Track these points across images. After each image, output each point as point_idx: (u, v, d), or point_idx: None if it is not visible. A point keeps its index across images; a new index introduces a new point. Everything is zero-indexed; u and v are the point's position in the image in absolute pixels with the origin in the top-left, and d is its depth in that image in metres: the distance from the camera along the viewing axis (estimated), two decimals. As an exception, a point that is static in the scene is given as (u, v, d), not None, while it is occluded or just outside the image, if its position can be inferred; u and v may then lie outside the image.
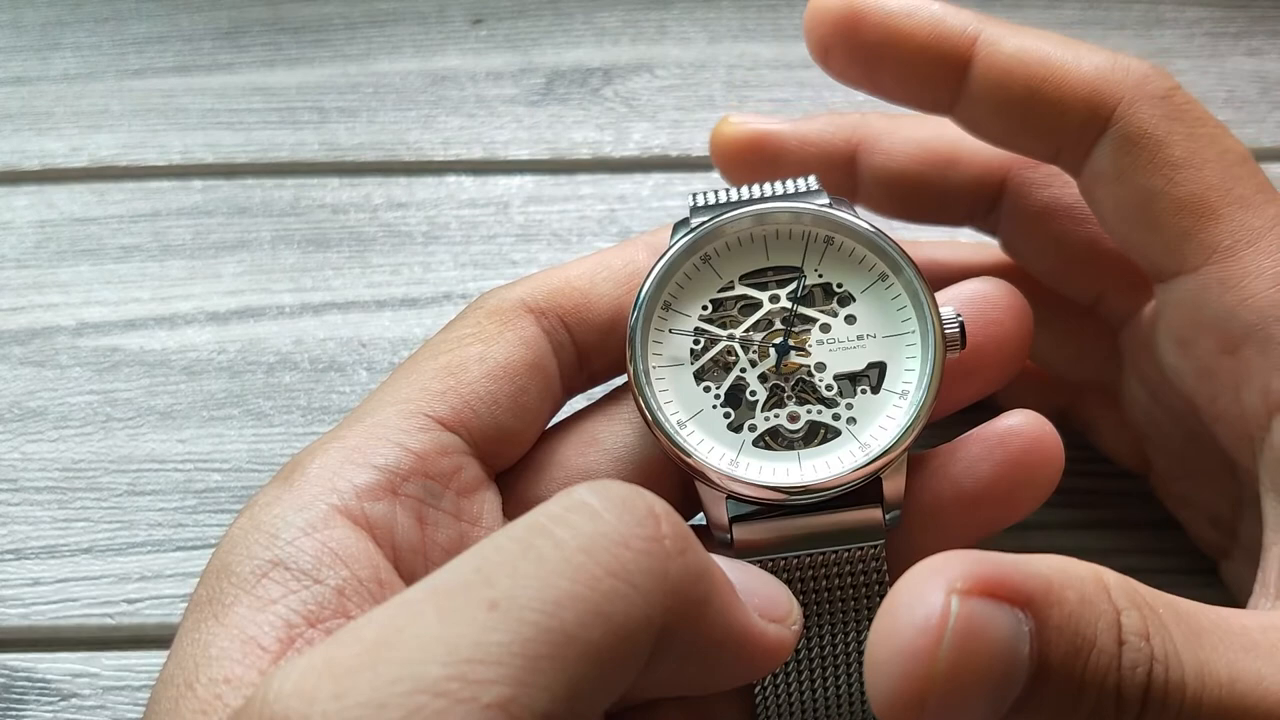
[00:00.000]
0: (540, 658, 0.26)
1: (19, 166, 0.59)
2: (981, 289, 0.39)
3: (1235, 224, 0.36)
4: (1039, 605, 0.28)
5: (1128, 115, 0.37)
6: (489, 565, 0.27)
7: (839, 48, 0.40)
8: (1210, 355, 0.37)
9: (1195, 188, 0.37)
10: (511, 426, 0.37)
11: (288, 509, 0.33)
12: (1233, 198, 0.36)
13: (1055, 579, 0.29)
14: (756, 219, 0.38)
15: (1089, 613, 0.29)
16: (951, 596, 0.27)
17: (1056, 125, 0.38)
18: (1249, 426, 0.37)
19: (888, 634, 0.28)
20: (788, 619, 0.33)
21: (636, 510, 0.29)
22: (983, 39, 0.38)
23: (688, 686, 0.32)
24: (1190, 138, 0.37)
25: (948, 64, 0.39)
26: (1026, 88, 0.38)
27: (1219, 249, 0.36)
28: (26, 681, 0.45)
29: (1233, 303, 0.36)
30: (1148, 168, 0.37)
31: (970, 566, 0.28)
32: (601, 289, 0.38)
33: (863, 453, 0.35)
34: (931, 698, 0.27)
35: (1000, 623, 0.27)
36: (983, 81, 0.38)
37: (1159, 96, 0.37)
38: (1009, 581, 0.28)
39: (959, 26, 0.38)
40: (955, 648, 0.27)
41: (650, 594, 0.28)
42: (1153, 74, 0.38)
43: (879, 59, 0.39)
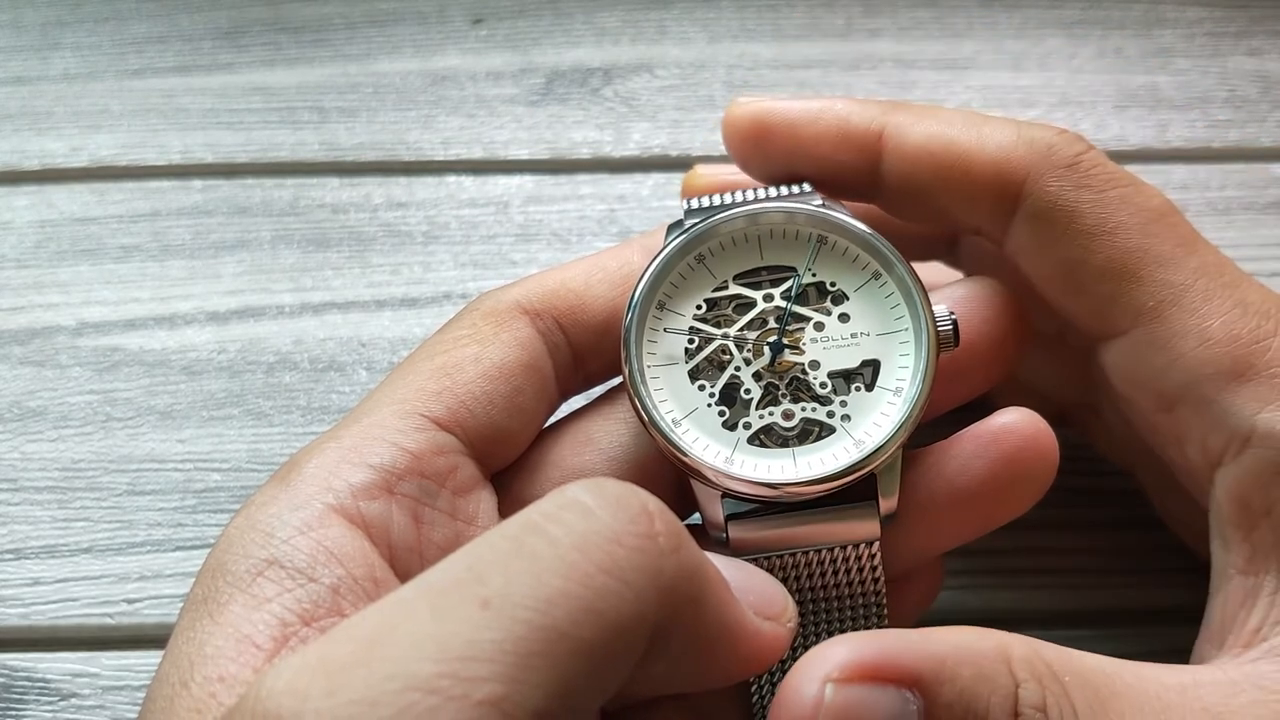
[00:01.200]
0: (533, 655, 0.26)
1: (19, 166, 0.59)
2: (975, 288, 0.39)
3: (1156, 284, 0.36)
4: (929, 684, 0.29)
5: (1035, 191, 0.37)
6: (482, 563, 0.27)
7: (754, 157, 0.41)
8: (1150, 413, 0.38)
9: (1112, 253, 0.37)
10: (507, 426, 0.37)
11: (284, 508, 0.33)
12: (1150, 257, 0.36)
13: (950, 655, 0.29)
14: (750, 219, 0.38)
15: (984, 688, 0.29)
16: (826, 685, 0.28)
17: (969, 207, 0.38)
18: (1195, 477, 0.37)
19: None
20: (783, 616, 0.33)
21: (630, 507, 0.29)
22: (888, 132, 0.39)
23: (683, 684, 0.32)
24: (1100, 203, 0.37)
25: (859, 161, 0.39)
26: (935, 175, 0.38)
27: (1144, 311, 0.36)
28: (26, 681, 0.45)
29: (1163, 364, 0.36)
30: (1062, 239, 0.37)
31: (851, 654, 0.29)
32: (597, 290, 0.38)
33: (857, 449, 0.35)
34: None
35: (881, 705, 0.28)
36: (894, 174, 0.39)
37: (1064, 166, 0.37)
38: (895, 663, 0.29)
39: (864, 124, 0.39)
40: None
41: (643, 591, 0.28)
42: (1057, 142, 0.38)
43: (793, 164, 0.40)
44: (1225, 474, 0.36)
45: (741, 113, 0.40)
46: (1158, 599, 0.46)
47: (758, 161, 0.41)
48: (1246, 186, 0.57)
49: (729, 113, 0.40)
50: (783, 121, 0.40)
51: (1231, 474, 0.36)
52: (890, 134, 0.39)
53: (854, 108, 0.39)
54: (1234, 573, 0.36)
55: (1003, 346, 0.38)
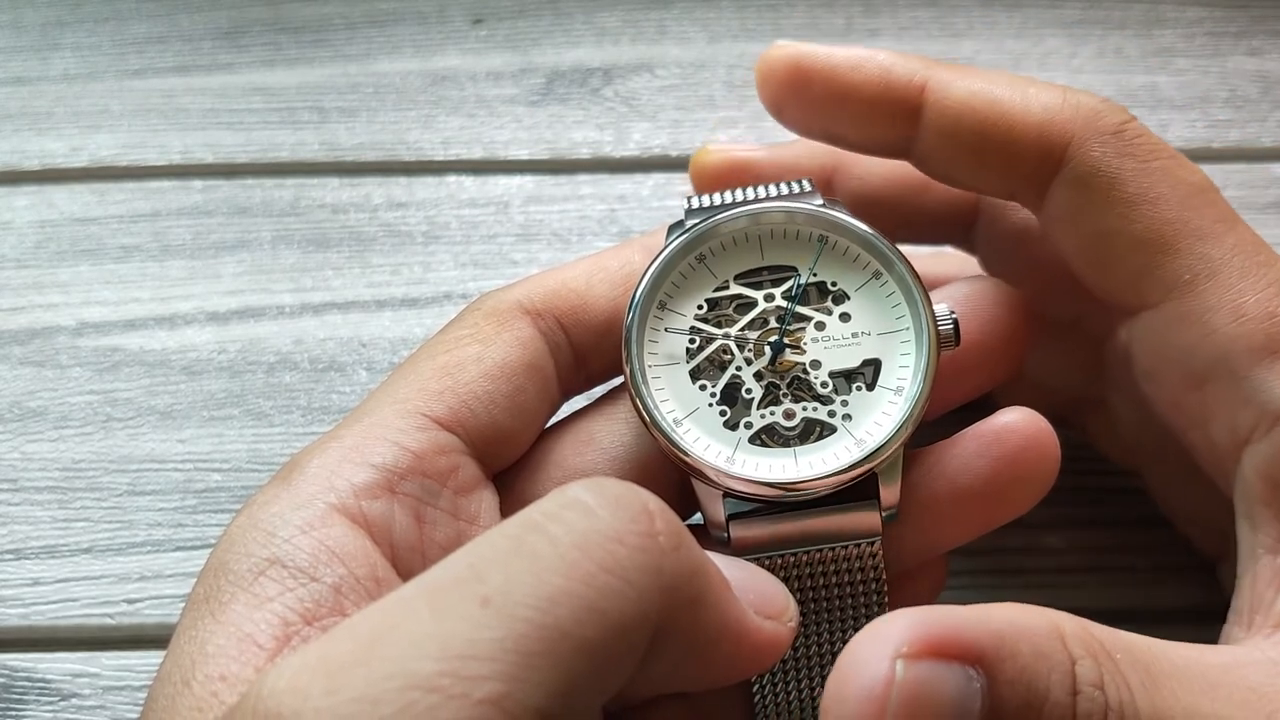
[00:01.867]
0: (534, 654, 0.26)
1: (19, 166, 0.59)
2: (977, 286, 0.39)
3: (1193, 257, 0.36)
4: (990, 661, 0.28)
5: (1079, 155, 0.37)
6: (482, 561, 0.27)
7: (790, 105, 0.40)
8: (1177, 390, 0.37)
9: (1151, 223, 0.36)
10: (509, 426, 0.37)
11: (285, 507, 0.33)
12: (1189, 230, 0.36)
13: (1008, 632, 0.29)
14: (751, 219, 0.38)
15: (1042, 665, 0.29)
16: (896, 661, 0.28)
17: (1009, 168, 0.38)
18: (1220, 458, 0.37)
19: (837, 700, 0.28)
20: (784, 615, 0.33)
21: (631, 506, 0.29)
22: (931, 86, 0.38)
23: (685, 683, 0.32)
24: (1143, 173, 0.37)
25: (898, 113, 0.38)
26: (977, 133, 0.38)
27: (1179, 284, 0.36)
28: (26, 681, 0.45)
29: (1194, 338, 0.36)
30: (1102, 206, 0.37)
31: (918, 628, 0.28)
32: (598, 290, 0.38)
33: (858, 449, 0.35)
34: None
35: (949, 683, 0.28)
36: (934, 128, 0.38)
37: (1110, 133, 0.37)
38: (959, 639, 0.28)
39: (906, 75, 0.38)
40: (901, 713, 0.27)
41: (645, 590, 0.28)
42: (1103, 109, 0.37)
43: (831, 113, 0.39)
44: (1255, 452, 0.35)
45: (780, 55, 0.39)
46: (1160, 599, 0.46)
47: (793, 109, 0.40)
48: (1246, 186, 0.57)
49: (766, 57, 0.40)
50: (823, 67, 0.39)
51: (1261, 452, 0.35)
52: (933, 88, 0.38)
53: (897, 59, 0.39)
54: (1263, 553, 0.35)
55: (1004, 345, 0.38)
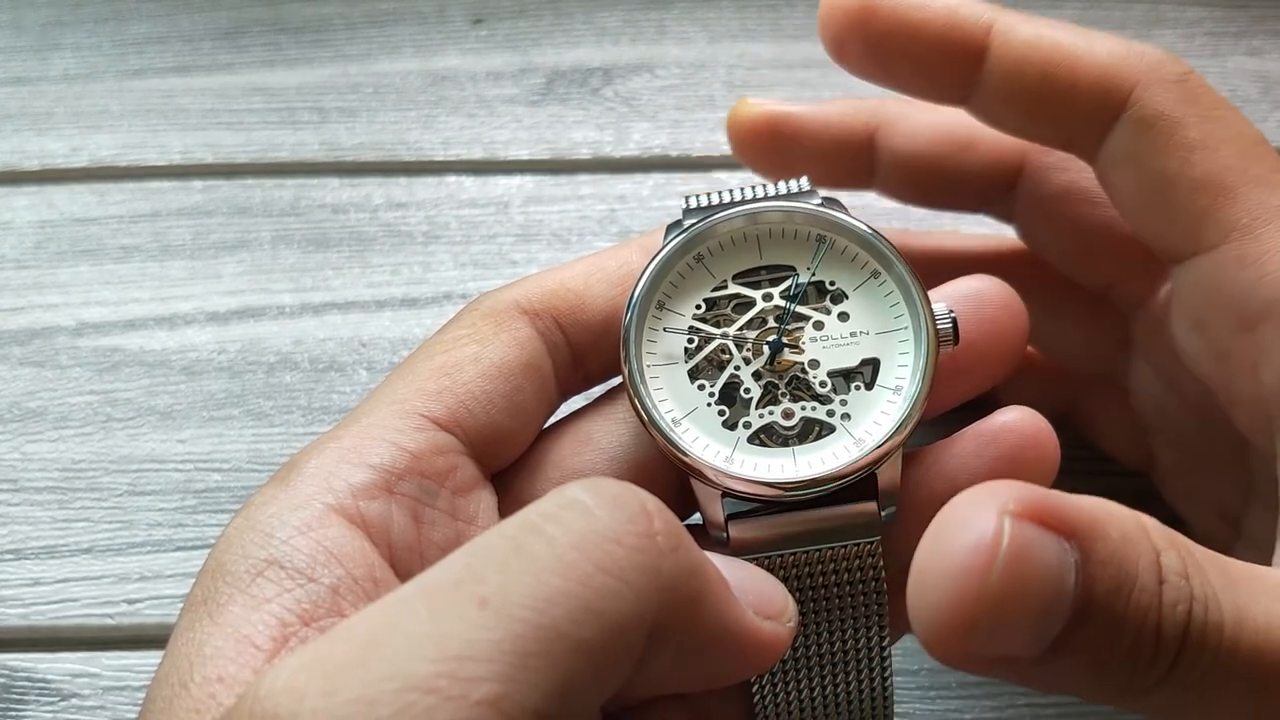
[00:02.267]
0: (531, 655, 0.26)
1: (19, 166, 0.59)
2: (976, 286, 0.39)
3: (1253, 202, 0.36)
4: (1085, 538, 0.28)
5: (1143, 99, 0.37)
6: (480, 562, 0.27)
7: (853, 42, 0.40)
8: (1227, 335, 0.37)
9: (1212, 168, 0.36)
10: (507, 426, 0.37)
11: (283, 508, 0.33)
12: (1249, 177, 0.36)
13: (1100, 515, 0.28)
14: (749, 218, 0.38)
15: (1131, 550, 0.28)
16: (1004, 519, 0.27)
17: (1072, 110, 0.38)
18: (1267, 405, 0.36)
19: (937, 555, 0.27)
20: (783, 615, 0.33)
21: (628, 507, 0.29)
22: (997, 28, 0.38)
23: (684, 684, 0.32)
24: (1205, 120, 0.37)
25: (962, 54, 0.39)
26: (1042, 74, 0.38)
27: (1237, 227, 0.36)
28: (26, 681, 0.45)
29: (1251, 280, 0.36)
30: (1164, 150, 0.37)
31: (1022, 492, 0.28)
32: (596, 290, 0.38)
33: (857, 448, 0.35)
34: (982, 620, 0.27)
35: (1050, 550, 0.27)
36: (998, 70, 0.38)
37: (1173, 80, 0.37)
38: (1058, 512, 0.28)
39: (973, 16, 0.39)
40: (1008, 568, 0.27)
41: (642, 590, 0.28)
42: (1167, 59, 0.38)
43: (893, 52, 0.39)
44: None
45: None
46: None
47: (855, 47, 0.40)
48: (1247, 185, 0.57)
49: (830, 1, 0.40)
50: (891, 4, 0.39)
51: None
52: (999, 29, 0.38)
53: (964, 0, 0.39)
54: None
55: (1003, 345, 0.38)
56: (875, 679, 0.37)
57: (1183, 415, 0.43)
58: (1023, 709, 0.44)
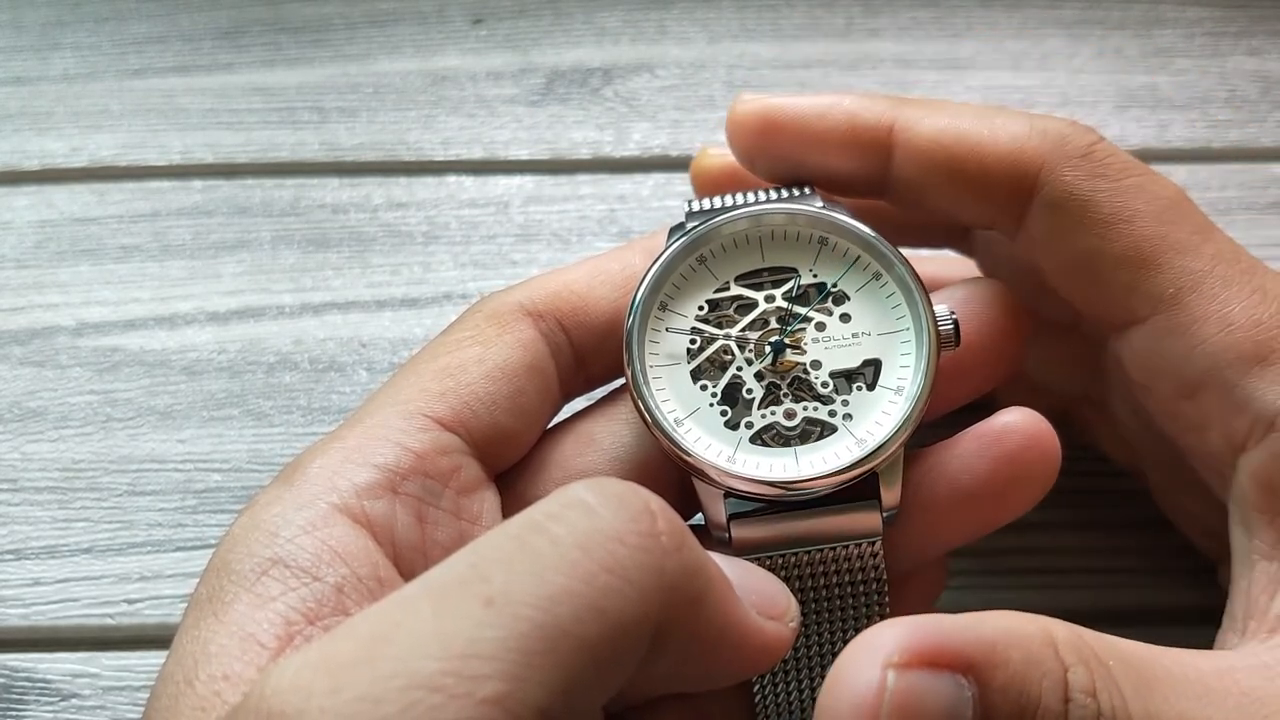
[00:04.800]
0: (535, 653, 0.26)
1: (19, 166, 0.59)
2: (977, 288, 0.39)
3: (1176, 271, 0.36)
4: (981, 669, 0.28)
5: (1051, 180, 0.37)
6: (485, 561, 0.27)
7: (761, 156, 0.40)
8: (1171, 400, 0.37)
9: (1130, 241, 0.36)
10: (510, 427, 0.37)
11: (288, 508, 0.33)
12: (1168, 244, 0.36)
13: (999, 640, 0.29)
14: (752, 221, 0.38)
15: (1034, 672, 0.29)
16: (887, 671, 0.28)
17: (984, 199, 0.38)
18: (1217, 463, 0.37)
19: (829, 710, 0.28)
20: (785, 616, 0.33)
21: (632, 506, 0.29)
22: (898, 126, 0.39)
23: (686, 683, 0.32)
24: (1116, 192, 0.37)
25: (868, 155, 0.39)
26: (948, 169, 0.38)
27: (1164, 298, 0.36)
28: (26, 681, 0.45)
29: (1184, 350, 0.36)
30: (1079, 228, 0.37)
31: (908, 638, 0.28)
32: (599, 292, 0.38)
33: (859, 448, 0.36)
34: None
35: (940, 692, 0.28)
36: (905, 168, 0.39)
37: (1079, 155, 0.37)
38: (949, 648, 0.28)
39: (873, 119, 0.39)
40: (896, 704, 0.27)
41: (646, 590, 0.28)
42: (1070, 133, 0.38)
43: (802, 160, 0.40)
44: (1249, 459, 0.35)
45: (747, 110, 0.40)
46: (1160, 599, 0.46)
47: (764, 160, 0.40)
48: (1246, 186, 0.57)
49: (734, 110, 0.40)
50: (790, 117, 0.39)
51: (1256, 459, 0.35)
52: (901, 128, 0.38)
53: (863, 102, 0.39)
54: (1258, 558, 0.35)
55: (1004, 346, 0.38)
56: (876, 679, 0.37)
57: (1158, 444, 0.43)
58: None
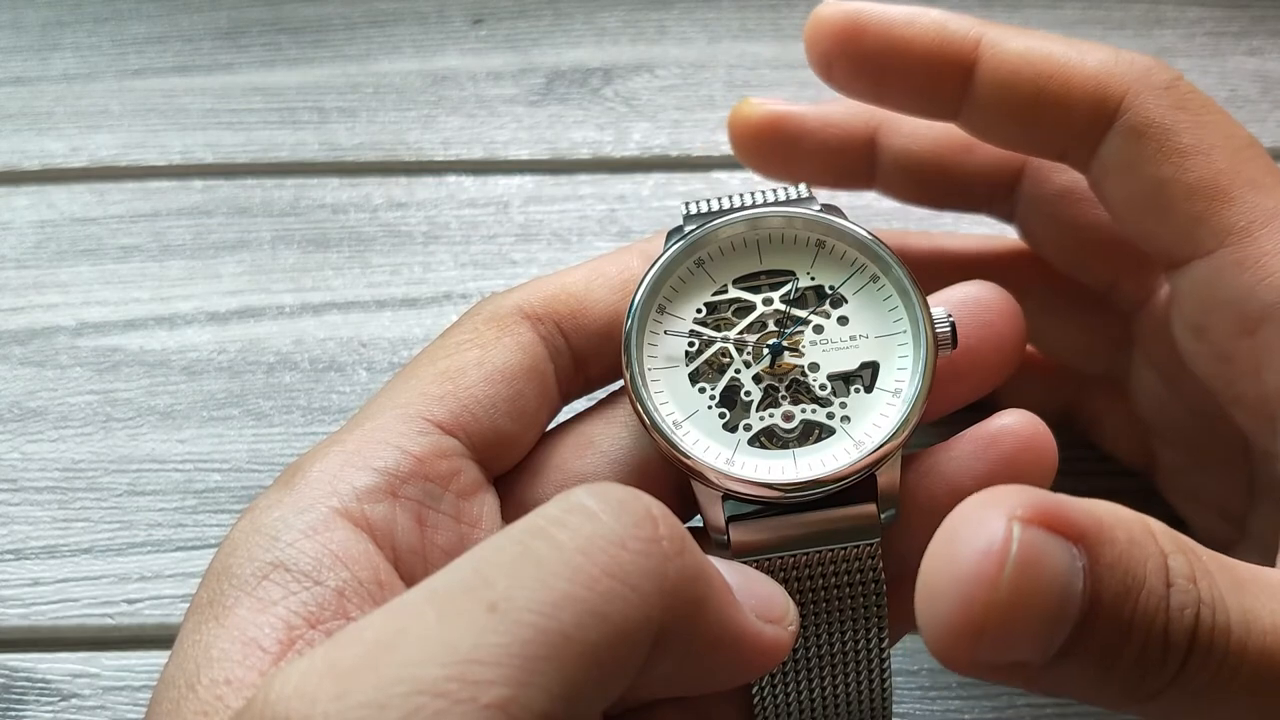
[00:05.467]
0: (539, 659, 0.26)
1: (19, 166, 0.59)
2: (974, 291, 0.39)
3: (1248, 205, 0.36)
4: (1092, 542, 0.28)
5: (1134, 106, 0.37)
6: (488, 567, 0.27)
7: (841, 60, 0.40)
8: (1228, 338, 0.37)
9: (1205, 173, 0.37)
10: (509, 430, 0.37)
11: (288, 512, 0.33)
12: (1243, 180, 0.36)
13: (1107, 518, 0.28)
14: (749, 224, 0.38)
15: (1138, 553, 0.28)
16: (1013, 524, 0.27)
17: (1064, 121, 0.38)
18: (1270, 406, 0.37)
19: (946, 561, 0.27)
20: (784, 619, 0.33)
21: (634, 512, 0.29)
22: (985, 42, 0.38)
23: (685, 687, 0.32)
24: (1197, 125, 0.37)
25: (952, 69, 0.39)
26: (1033, 86, 0.38)
27: (1233, 231, 0.36)
28: (26, 681, 0.45)
29: (1250, 283, 0.36)
30: (1157, 156, 0.37)
31: (1029, 497, 0.28)
32: (597, 295, 0.38)
33: (857, 449, 0.36)
34: (991, 625, 0.27)
35: (1058, 555, 0.27)
36: (988, 84, 0.38)
37: (1163, 87, 0.37)
38: (1065, 516, 0.28)
39: (961, 31, 0.39)
40: (1017, 574, 0.27)
41: (648, 595, 0.28)
42: (1155, 66, 0.38)
43: (882, 69, 0.39)
44: None
45: (832, 11, 0.39)
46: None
47: (843, 66, 0.40)
48: (1245, 187, 0.57)
49: (819, 13, 0.39)
50: (877, 22, 0.39)
51: None
52: (988, 42, 0.38)
53: (950, 15, 0.39)
54: None
55: (1002, 349, 0.38)
56: (875, 680, 0.37)
57: (1184, 415, 0.43)
58: (1023, 709, 0.44)
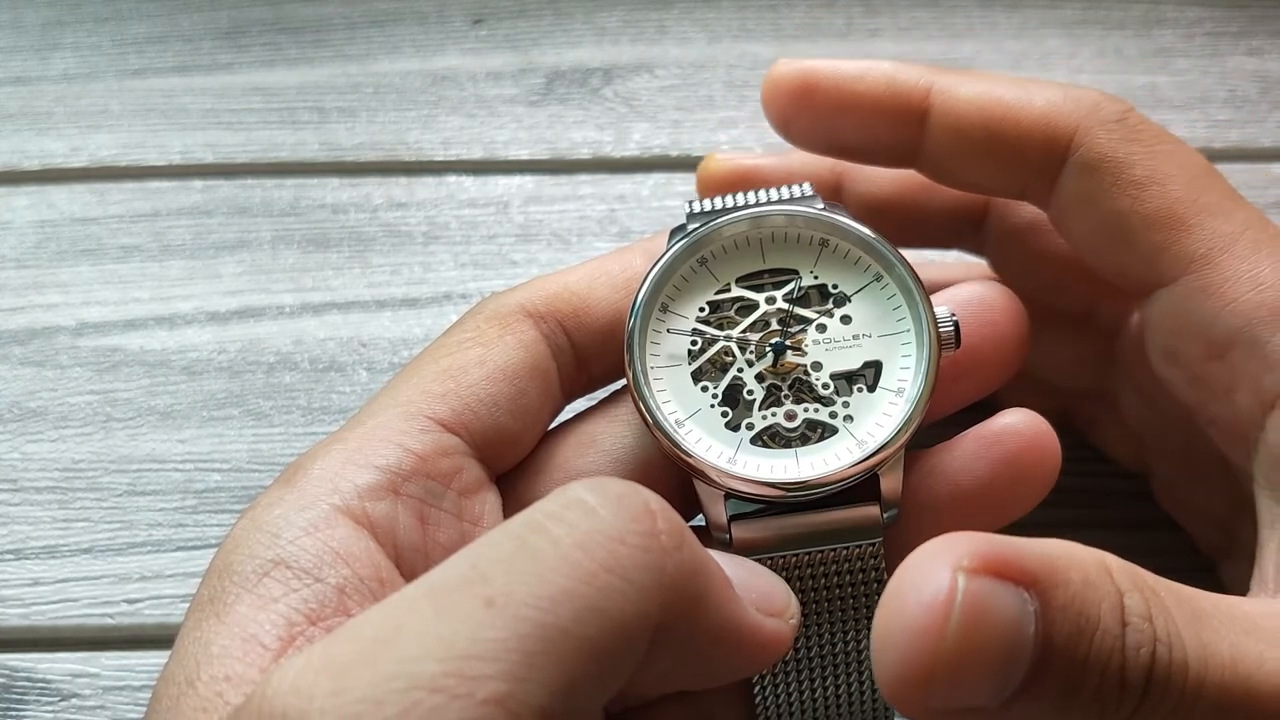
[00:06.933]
0: (537, 654, 0.26)
1: (19, 166, 0.59)
2: (977, 290, 0.39)
3: (1207, 232, 0.37)
4: (1044, 586, 0.28)
5: (1086, 142, 0.38)
6: (485, 562, 0.27)
7: (798, 117, 0.41)
8: (1198, 362, 0.37)
9: (1162, 202, 0.37)
10: (511, 428, 0.37)
11: (290, 509, 0.33)
12: (1200, 207, 0.37)
13: (1060, 560, 0.29)
14: (753, 222, 0.38)
15: (1093, 594, 0.29)
16: (958, 574, 0.27)
17: (1017, 161, 0.39)
18: (1243, 427, 0.37)
19: (895, 613, 0.28)
20: (785, 613, 0.33)
21: (632, 506, 0.29)
22: (935, 89, 0.39)
23: (686, 681, 0.32)
24: (1150, 155, 0.37)
25: (905, 118, 0.39)
26: (984, 130, 0.38)
27: (1195, 258, 0.36)
28: (26, 681, 0.45)
29: (1215, 309, 0.36)
30: (1113, 189, 0.37)
31: (976, 546, 0.28)
32: (599, 293, 0.38)
33: (859, 449, 0.36)
34: (939, 675, 0.27)
35: (1006, 602, 0.28)
36: (941, 130, 0.39)
37: (1114, 120, 0.38)
38: (1015, 561, 0.28)
39: (911, 81, 0.39)
40: (963, 625, 0.27)
41: (646, 589, 0.28)
42: (1104, 101, 0.38)
43: (838, 124, 0.40)
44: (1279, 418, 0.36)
45: (786, 71, 0.40)
46: (1158, 599, 0.46)
47: (799, 123, 0.41)
48: (1246, 186, 0.57)
49: (773, 73, 0.41)
50: (829, 79, 0.40)
51: None
52: (938, 91, 0.39)
53: (900, 67, 0.40)
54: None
55: (1005, 348, 0.38)
56: (876, 679, 0.37)
57: (1169, 430, 0.43)
58: (1023, 709, 0.44)
